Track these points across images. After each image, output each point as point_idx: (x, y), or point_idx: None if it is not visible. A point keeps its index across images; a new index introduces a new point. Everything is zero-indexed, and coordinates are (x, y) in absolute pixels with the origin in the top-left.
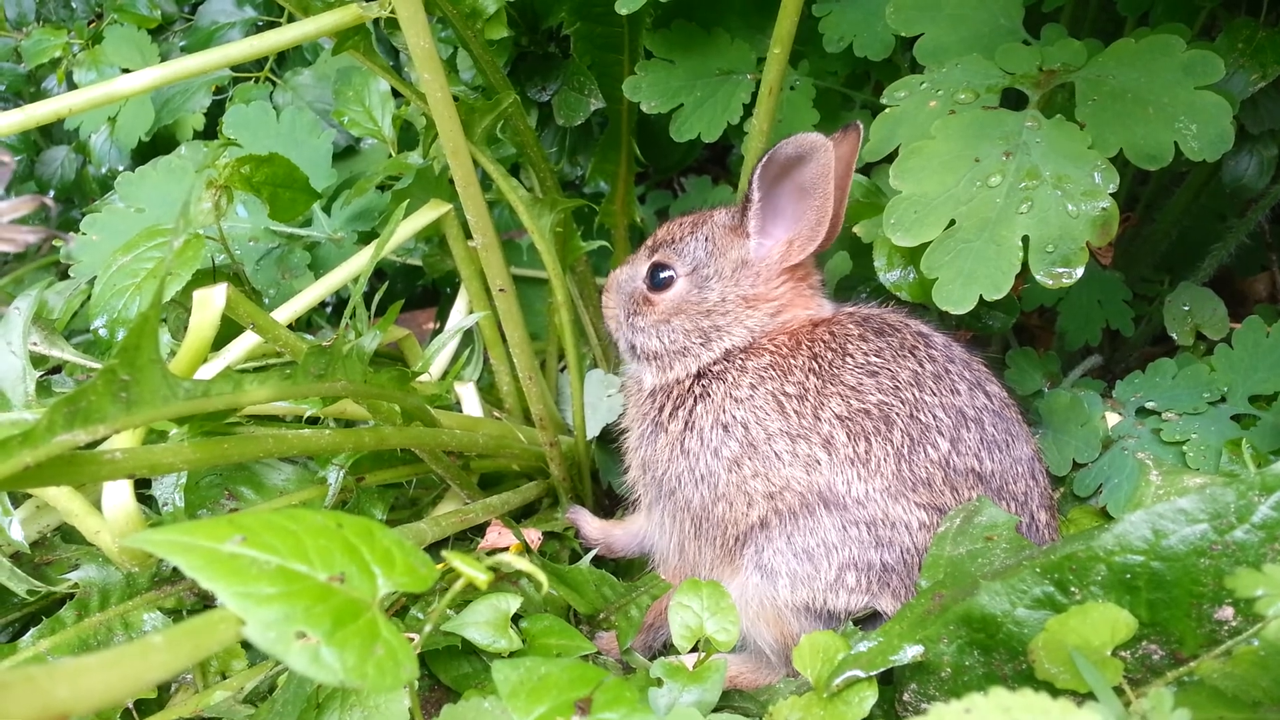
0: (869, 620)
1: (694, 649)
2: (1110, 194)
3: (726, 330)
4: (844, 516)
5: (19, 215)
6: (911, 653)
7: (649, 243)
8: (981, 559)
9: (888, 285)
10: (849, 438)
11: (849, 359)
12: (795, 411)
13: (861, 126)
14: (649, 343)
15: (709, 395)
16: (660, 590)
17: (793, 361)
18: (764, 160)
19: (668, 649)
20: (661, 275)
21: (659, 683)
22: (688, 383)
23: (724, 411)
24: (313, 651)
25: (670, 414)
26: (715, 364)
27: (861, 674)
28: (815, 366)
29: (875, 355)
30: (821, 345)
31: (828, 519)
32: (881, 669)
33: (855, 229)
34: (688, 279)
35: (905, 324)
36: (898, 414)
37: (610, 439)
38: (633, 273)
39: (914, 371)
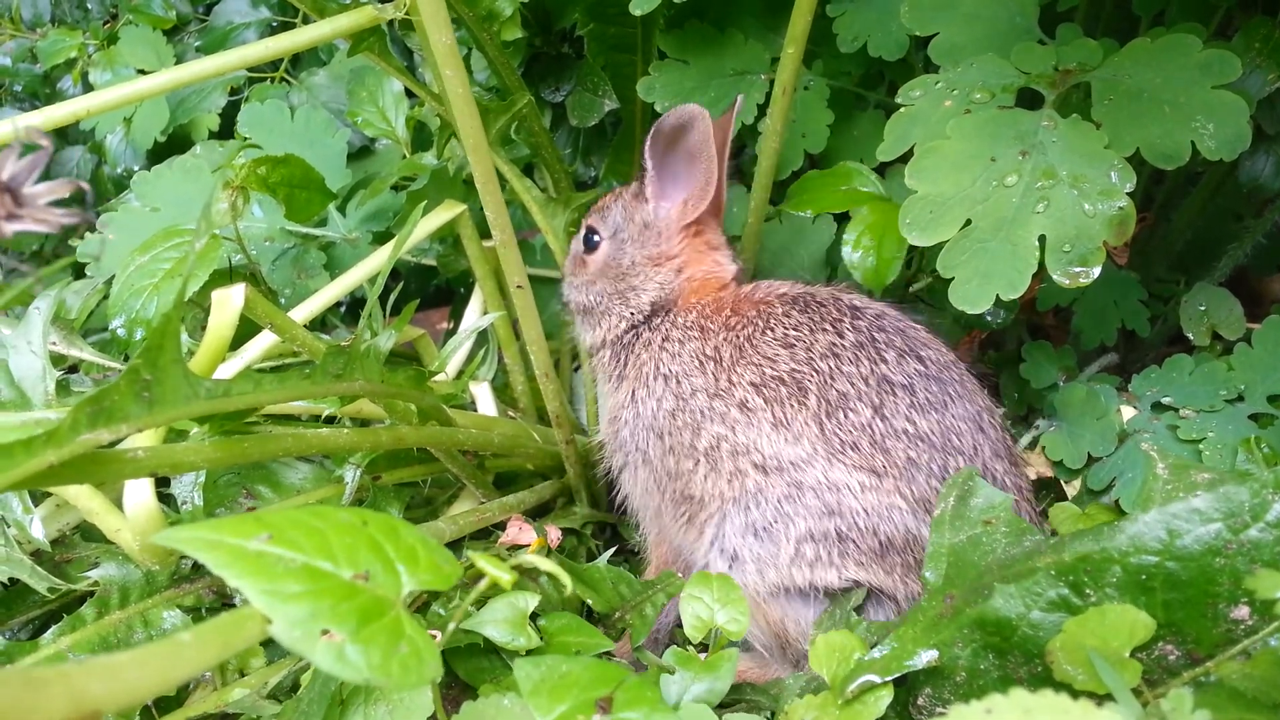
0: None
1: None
2: (1127, 193)
3: (640, 288)
4: (785, 479)
5: (56, 198)
6: (926, 657)
7: (588, 212)
8: (984, 546)
9: (847, 264)
10: (765, 402)
11: (769, 333)
12: (713, 373)
13: (741, 99)
14: (579, 297)
15: (650, 345)
16: (677, 588)
17: (712, 327)
18: (651, 133)
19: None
20: (592, 239)
21: (671, 671)
22: (625, 338)
23: (661, 363)
24: (338, 649)
25: (619, 366)
26: (644, 319)
27: (877, 679)
28: (733, 338)
29: (794, 329)
30: (744, 320)
31: (775, 487)
32: (897, 674)
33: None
34: (610, 242)
35: (837, 298)
36: (811, 381)
37: None
38: (578, 237)
39: (831, 343)
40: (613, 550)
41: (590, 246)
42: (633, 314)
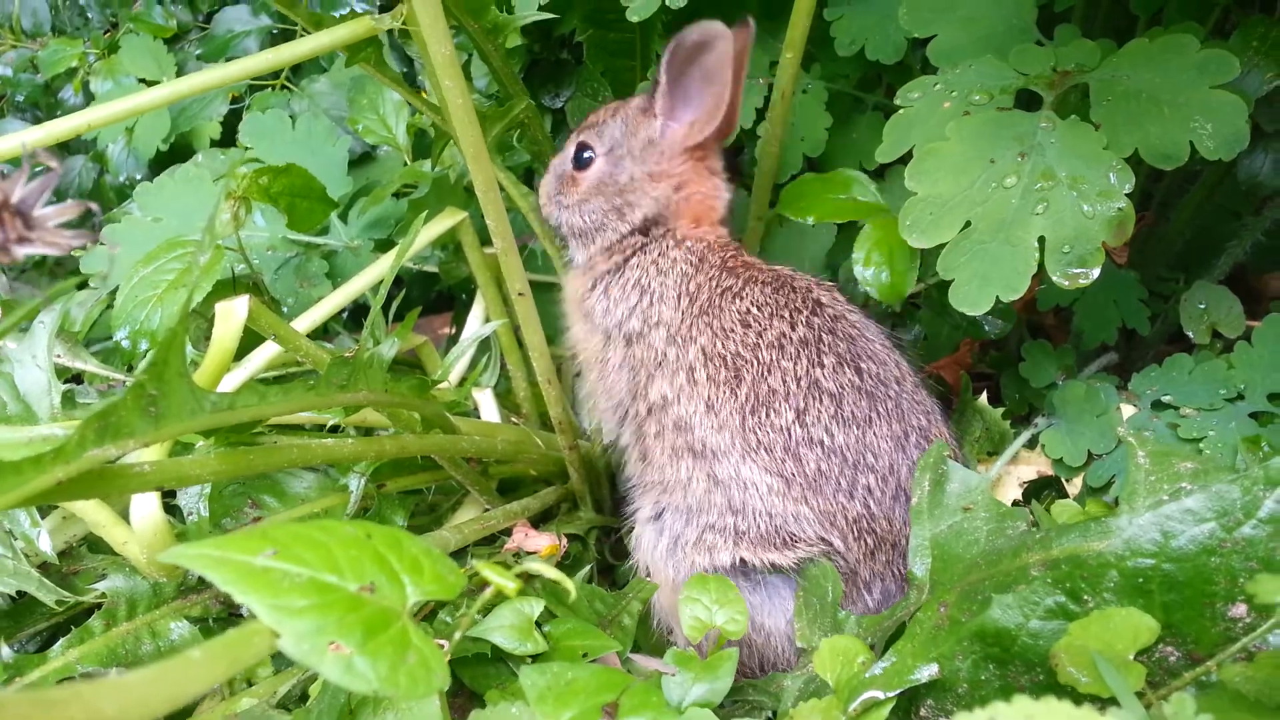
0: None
1: None
2: (1126, 194)
3: (636, 204)
4: (708, 470)
5: (64, 219)
6: (927, 672)
7: (577, 128)
8: (967, 535)
9: (860, 281)
10: (706, 379)
11: (739, 299)
12: (683, 310)
13: (752, 22)
14: (573, 219)
15: (643, 251)
16: (649, 593)
17: (709, 261)
18: (671, 46)
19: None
20: (584, 155)
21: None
22: (617, 245)
23: (645, 275)
24: (346, 661)
25: (601, 263)
26: (637, 232)
27: (881, 695)
28: (712, 285)
29: (757, 307)
30: (732, 272)
31: (699, 480)
32: (899, 690)
33: None
34: (605, 158)
35: (809, 288)
36: (748, 372)
37: None
38: (564, 155)
39: (781, 333)
40: (588, 568)
41: (582, 164)
42: (628, 228)
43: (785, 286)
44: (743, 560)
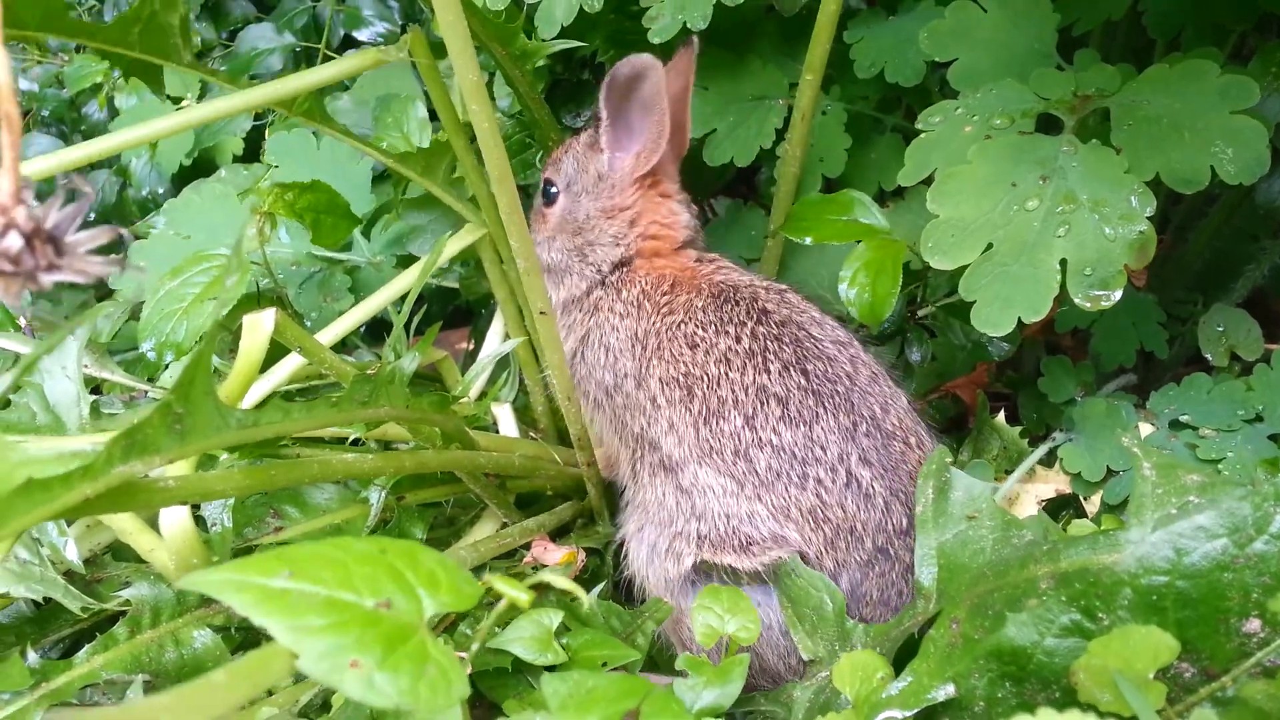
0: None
1: None
2: (1147, 217)
3: (598, 243)
4: (676, 483)
5: (95, 245)
6: (944, 692)
7: (545, 163)
8: (972, 544)
9: (843, 300)
10: (666, 403)
11: (683, 327)
12: (639, 358)
13: (696, 42)
14: (544, 256)
15: (599, 310)
16: (665, 613)
17: (648, 306)
18: (606, 82)
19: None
20: (550, 191)
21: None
22: (584, 300)
23: (605, 334)
24: (366, 678)
25: (578, 325)
26: (602, 280)
27: (899, 714)
28: (657, 326)
29: (701, 329)
30: (672, 306)
31: (670, 494)
32: (917, 709)
33: None
34: (565, 195)
35: (754, 298)
36: (699, 386)
37: None
38: (539, 191)
39: (728, 347)
40: (602, 585)
41: (549, 199)
42: (594, 273)
43: (728, 302)
44: (703, 562)
